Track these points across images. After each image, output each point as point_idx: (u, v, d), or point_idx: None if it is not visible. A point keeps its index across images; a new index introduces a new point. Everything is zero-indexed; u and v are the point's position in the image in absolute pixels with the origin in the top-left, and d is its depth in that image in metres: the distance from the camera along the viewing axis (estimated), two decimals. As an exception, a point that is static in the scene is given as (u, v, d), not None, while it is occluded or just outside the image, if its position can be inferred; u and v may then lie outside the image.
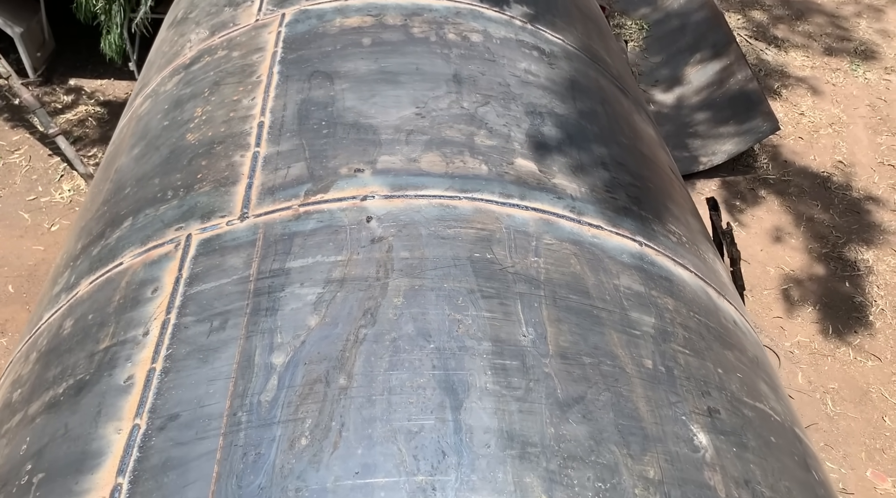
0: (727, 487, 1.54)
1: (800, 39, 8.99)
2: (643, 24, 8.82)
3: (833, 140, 7.32)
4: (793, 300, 5.71)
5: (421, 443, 1.42)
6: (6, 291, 5.51)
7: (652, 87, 7.90)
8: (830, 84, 8.15)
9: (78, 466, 1.53)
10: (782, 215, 6.50)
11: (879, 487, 4.51)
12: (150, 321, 1.78)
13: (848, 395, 5.03)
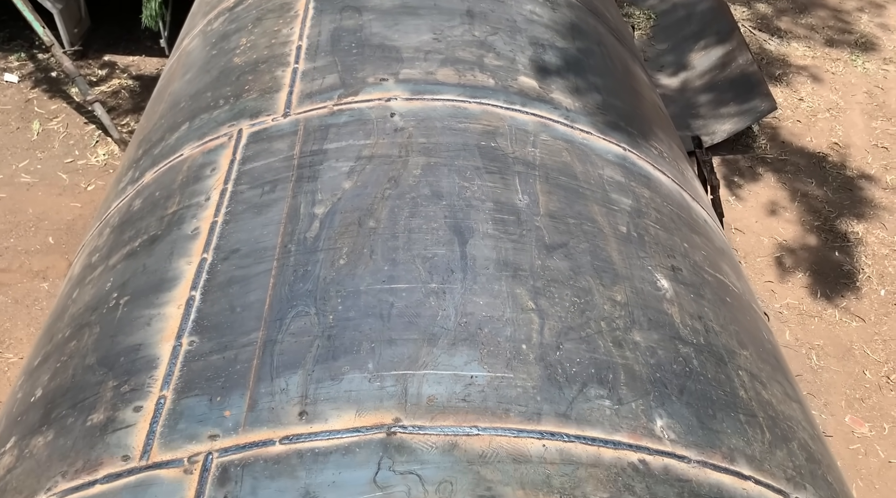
0: (682, 317, 1.88)
1: (802, 31, 9.30)
2: (651, 13, 9.16)
3: (830, 124, 7.62)
4: (784, 267, 6.02)
5: (434, 264, 1.77)
6: (47, 243, 5.91)
7: (658, 71, 8.23)
8: (830, 73, 8.45)
9: (157, 288, 1.89)
10: (778, 191, 6.80)
11: (857, 431, 4.82)
12: (210, 190, 2.15)
13: (832, 351, 5.34)
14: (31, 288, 5.54)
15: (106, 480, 1.48)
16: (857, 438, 4.78)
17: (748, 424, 1.72)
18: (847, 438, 4.77)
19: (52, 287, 5.55)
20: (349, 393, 1.51)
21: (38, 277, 5.62)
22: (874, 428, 4.84)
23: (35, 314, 5.33)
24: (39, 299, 5.45)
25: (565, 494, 1.37)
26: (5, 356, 5.04)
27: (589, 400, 1.55)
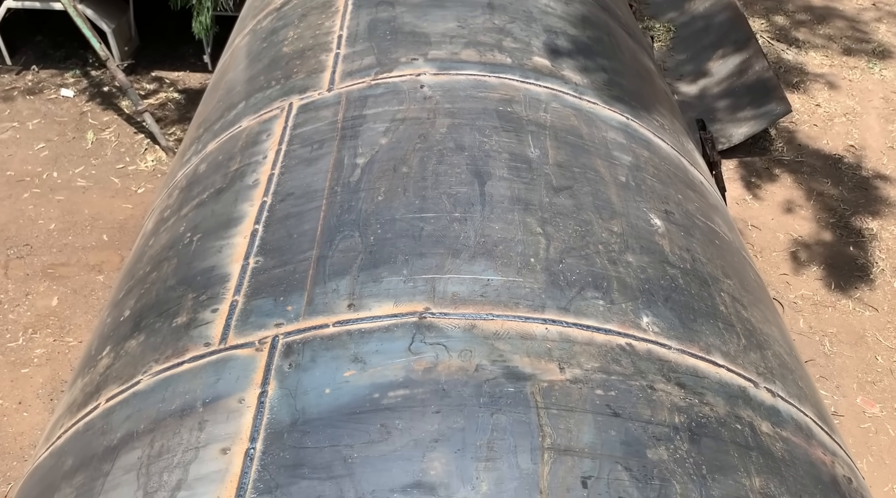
0: (671, 248, 2.18)
1: (820, 41, 9.54)
2: (670, 26, 9.49)
3: (846, 127, 7.84)
4: (800, 260, 6.23)
5: (457, 199, 2.11)
6: (101, 239, 6.37)
7: (677, 80, 8.54)
8: (847, 80, 8.66)
9: (225, 225, 2.25)
10: (794, 190, 7.03)
11: (868, 411, 5.00)
12: (267, 151, 2.51)
13: (845, 338, 5.53)
14: (87, 280, 5.98)
15: (191, 360, 1.83)
16: (868, 417, 4.96)
17: (725, 331, 2.01)
18: (858, 418, 4.95)
19: (107, 279, 5.98)
20: (388, 290, 1.84)
21: (94, 271, 6.07)
22: (885, 408, 5.02)
23: (92, 303, 5.76)
24: (95, 290, 5.88)
25: (563, 362, 1.67)
26: (66, 340, 5.47)
27: (585, 299, 1.86)
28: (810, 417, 1.97)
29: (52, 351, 5.38)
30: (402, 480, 1.42)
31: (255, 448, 1.53)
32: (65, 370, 5.24)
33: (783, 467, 1.67)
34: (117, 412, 1.82)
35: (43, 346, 5.42)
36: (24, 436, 4.81)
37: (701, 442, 1.60)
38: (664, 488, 1.47)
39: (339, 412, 1.56)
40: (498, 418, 1.53)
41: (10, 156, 7.33)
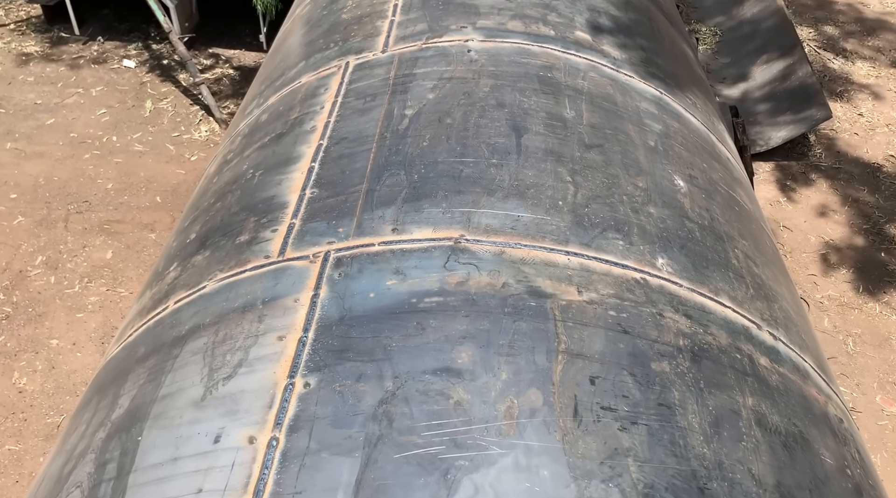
0: (692, 206, 2.36)
1: (868, 52, 9.51)
2: (716, 30, 9.56)
3: (888, 138, 7.84)
4: (829, 263, 6.29)
5: (495, 148, 2.31)
6: (155, 201, 6.71)
7: (719, 83, 8.61)
8: (892, 91, 8.64)
9: (285, 163, 2.49)
10: (829, 196, 7.07)
11: (887, 410, 5.06)
12: (324, 102, 2.75)
13: (869, 339, 5.59)
14: (140, 237, 6.32)
15: (252, 269, 2.06)
16: (886, 416, 5.03)
17: (735, 280, 2.18)
18: (876, 415, 5.02)
19: (159, 237, 6.31)
20: (427, 219, 2.05)
21: (146, 229, 6.41)
22: (904, 408, 5.08)
23: (144, 259, 6.09)
24: (147, 247, 6.22)
25: (581, 287, 1.87)
26: (118, 290, 5.81)
27: (606, 239, 2.05)
28: (809, 363, 2.13)
29: (105, 299, 5.73)
30: (433, 366, 1.63)
31: (308, 337, 1.76)
32: (116, 318, 5.58)
33: (776, 394, 1.84)
34: (185, 311, 2.07)
35: (97, 294, 5.76)
36: (77, 373, 5.14)
37: (701, 362, 1.79)
38: (664, 393, 1.66)
39: (380, 312, 1.78)
40: (519, 325, 1.74)
41: (74, 119, 7.74)
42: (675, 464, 1.52)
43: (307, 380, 1.65)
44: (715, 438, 1.61)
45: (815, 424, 1.87)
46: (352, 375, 1.63)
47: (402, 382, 1.60)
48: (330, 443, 1.50)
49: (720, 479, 1.52)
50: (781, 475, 1.62)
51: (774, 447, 1.67)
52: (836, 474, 1.76)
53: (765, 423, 1.72)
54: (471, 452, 1.46)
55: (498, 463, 1.44)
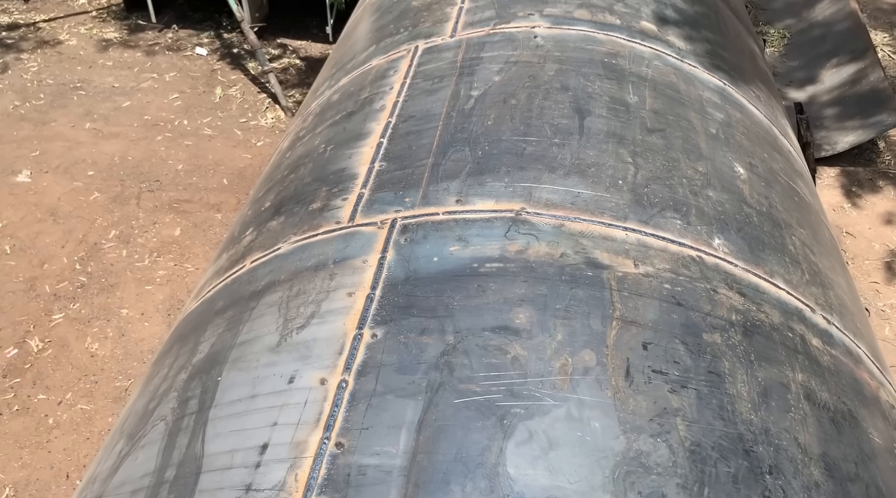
0: (751, 192, 2.39)
1: (946, 59, 9.19)
2: (785, 32, 9.37)
3: (962, 146, 7.58)
4: (893, 271, 6.14)
5: (558, 128, 2.39)
6: (222, 183, 6.98)
7: (786, 86, 8.46)
8: (970, 99, 8.33)
9: (355, 138, 2.62)
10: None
11: (947, 421, 4.94)
12: (393, 83, 2.87)
13: (932, 349, 5.44)
14: (207, 216, 6.59)
15: (324, 233, 2.20)
16: (946, 427, 4.90)
17: (791, 265, 2.21)
18: (935, 426, 4.90)
19: (224, 218, 6.57)
20: (490, 192, 2.15)
21: (213, 209, 6.68)
22: (965, 421, 4.94)
23: (210, 237, 6.36)
24: (213, 226, 6.48)
25: (638, 261, 1.94)
26: (185, 266, 6.08)
27: (665, 218, 2.11)
28: (863, 350, 2.15)
29: (173, 274, 6.00)
30: (492, 324, 1.73)
31: (375, 294, 1.88)
32: (182, 291, 5.84)
33: (826, 373, 1.88)
34: (261, 269, 2.21)
35: (165, 268, 6.04)
36: (144, 342, 5.42)
37: (753, 338, 1.83)
38: (714, 362, 1.71)
39: (444, 274, 1.89)
40: (576, 292, 1.82)
41: (148, 103, 8.10)
42: (723, 426, 1.58)
43: (374, 331, 1.77)
44: (763, 406, 1.66)
45: (865, 404, 1.89)
46: (416, 329, 1.74)
47: (462, 337, 1.70)
48: (395, 387, 1.61)
49: (766, 443, 1.57)
50: (827, 447, 1.66)
51: (822, 421, 1.71)
52: (884, 453, 1.79)
53: (813, 398, 1.76)
54: (526, 401, 1.55)
55: (552, 413, 1.53)
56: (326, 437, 1.54)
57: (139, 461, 1.76)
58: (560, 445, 1.47)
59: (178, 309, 5.70)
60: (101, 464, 1.94)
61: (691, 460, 1.49)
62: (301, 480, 1.47)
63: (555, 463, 1.44)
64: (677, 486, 1.44)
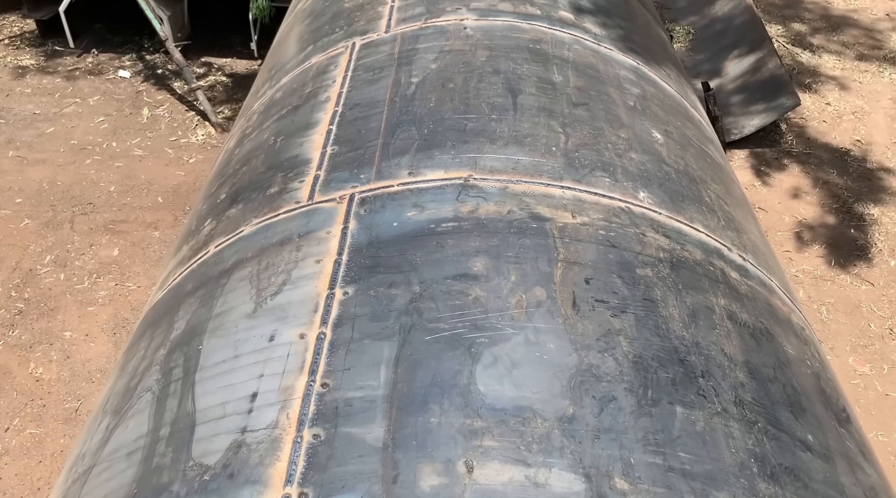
0: (668, 154, 2.67)
1: (835, 47, 9.97)
2: (689, 28, 9.98)
3: (854, 124, 8.25)
4: (803, 240, 6.65)
5: (494, 106, 2.61)
6: (157, 201, 6.95)
7: (695, 78, 9.00)
8: (857, 82, 9.08)
9: (304, 128, 2.77)
10: (802, 179, 7.45)
11: (859, 370, 5.40)
12: (335, 76, 3.04)
13: (841, 307, 5.94)
14: (145, 235, 6.56)
15: (285, 212, 2.34)
16: (859, 375, 5.36)
17: (708, 213, 2.48)
18: (849, 376, 5.35)
19: (163, 235, 6.55)
20: (439, 164, 2.34)
21: (150, 227, 6.65)
22: (874, 368, 5.41)
23: (150, 255, 6.33)
24: (152, 244, 6.45)
25: (575, 212, 2.16)
26: (126, 285, 6.03)
27: (595, 177, 2.35)
28: (775, 283, 2.44)
29: (114, 293, 5.95)
30: (452, 273, 1.92)
31: (342, 258, 2.04)
32: (126, 310, 5.80)
33: (745, 300, 2.14)
34: (226, 251, 2.34)
35: (106, 289, 5.99)
36: (91, 362, 5.36)
37: (679, 271, 2.08)
38: (648, 291, 1.95)
39: (404, 236, 2.07)
40: (524, 241, 2.03)
41: (73, 127, 7.97)
42: (659, 342, 1.81)
43: (345, 290, 1.93)
44: (692, 325, 1.90)
45: (779, 324, 2.17)
46: (384, 284, 1.92)
47: (427, 286, 1.89)
48: (370, 332, 1.78)
49: (697, 354, 1.81)
50: (749, 356, 1.91)
51: (743, 336, 1.97)
52: (797, 362, 2.06)
53: (735, 318, 2.02)
54: (489, 332, 1.74)
55: (512, 339, 1.72)
56: (312, 380, 1.69)
57: (130, 428, 1.86)
58: (522, 365, 1.67)
59: (124, 327, 5.66)
60: (86, 443, 2.02)
61: (635, 369, 1.71)
62: (293, 417, 1.62)
63: (519, 379, 1.63)
64: (625, 390, 1.65)
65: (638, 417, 1.59)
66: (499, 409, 1.56)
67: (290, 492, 1.46)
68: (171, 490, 1.57)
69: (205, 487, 1.53)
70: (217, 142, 7.83)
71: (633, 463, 1.48)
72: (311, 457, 1.52)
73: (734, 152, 7.78)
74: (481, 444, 1.49)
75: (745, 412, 1.71)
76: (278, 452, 1.54)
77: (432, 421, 1.54)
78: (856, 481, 1.76)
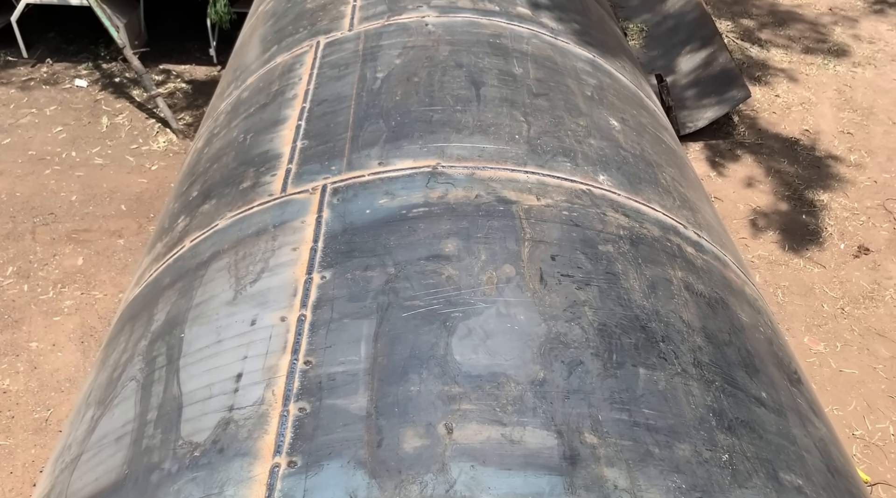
0: (625, 140, 2.80)
1: (782, 41, 10.32)
2: (643, 26, 10.24)
3: (802, 115, 8.57)
4: (757, 227, 6.90)
5: (458, 98, 2.71)
6: (120, 209, 6.90)
7: (649, 73, 9.25)
8: (805, 74, 9.42)
9: (273, 124, 2.84)
10: (754, 168, 7.71)
11: (813, 348, 5.63)
12: (301, 74, 3.11)
13: (796, 290, 6.18)
14: (109, 243, 6.51)
15: (259, 205, 2.41)
16: (814, 353, 5.59)
17: (664, 193, 2.62)
18: (805, 354, 5.58)
19: (128, 243, 6.51)
20: (408, 153, 2.43)
21: (114, 235, 6.60)
22: (828, 346, 5.65)
23: (115, 263, 6.28)
24: (117, 252, 6.41)
25: (539, 195, 2.27)
26: (92, 294, 5.99)
27: (557, 162, 2.47)
28: (728, 258, 2.58)
29: (81, 302, 5.90)
30: (425, 254, 2.01)
31: (318, 245, 2.11)
32: (93, 318, 5.76)
33: (700, 272, 2.28)
34: (202, 244, 2.39)
35: (72, 298, 5.93)
36: (59, 372, 5.32)
37: (639, 247, 2.20)
38: (610, 265, 2.06)
39: (377, 222, 2.15)
40: (492, 223, 2.13)
41: (30, 138, 7.86)
42: (622, 311, 1.92)
43: (323, 274, 2.01)
44: (652, 295, 2.02)
45: (733, 294, 2.30)
46: (360, 267, 2.00)
47: (402, 268, 1.97)
48: (349, 312, 1.86)
49: (657, 321, 1.93)
50: (706, 322, 2.04)
51: (700, 304, 2.10)
52: (751, 328, 2.19)
53: (692, 288, 2.15)
54: (463, 307, 1.83)
55: (484, 312, 1.82)
56: (295, 359, 1.77)
57: (116, 416, 1.91)
58: (494, 335, 1.77)
59: (92, 336, 5.61)
60: (71, 434, 2.06)
61: (600, 336, 1.82)
62: (278, 393, 1.69)
63: (492, 348, 1.73)
64: (591, 354, 1.76)
65: (604, 378, 1.70)
66: (475, 376, 1.66)
67: (280, 461, 1.53)
68: (162, 468, 1.63)
69: (196, 463, 1.59)
70: (179, 148, 7.80)
71: (601, 420, 1.59)
72: (298, 428, 1.59)
73: (689, 145, 8.02)
74: (459, 408, 1.58)
75: (703, 373, 1.83)
76: (266, 425, 1.61)
77: (412, 389, 1.63)
78: (806, 433, 1.90)
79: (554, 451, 1.50)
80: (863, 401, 5.26)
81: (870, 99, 8.86)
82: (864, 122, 8.43)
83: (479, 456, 1.48)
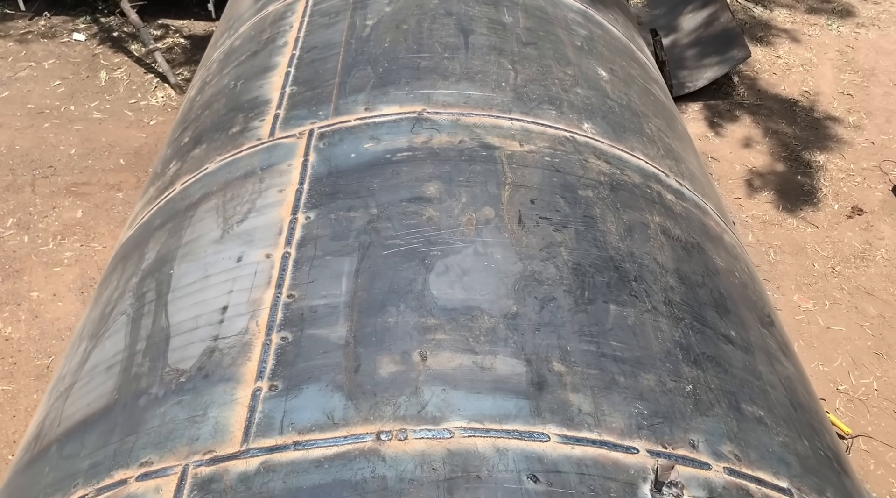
0: (612, 90, 2.82)
1: (786, 1, 10.20)
2: (646, -16, 10.12)
3: (802, 76, 8.51)
4: (753, 187, 6.92)
5: (446, 45, 2.73)
6: (119, 163, 6.93)
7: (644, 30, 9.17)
8: (807, 35, 9.33)
9: (263, 71, 2.86)
10: (752, 129, 7.70)
11: (803, 306, 5.71)
12: (292, 22, 3.12)
13: (788, 249, 6.23)
14: (108, 197, 6.56)
15: (247, 149, 2.45)
16: (803, 311, 5.67)
17: (648, 143, 2.65)
18: (794, 311, 5.66)
19: (126, 196, 6.56)
20: (394, 99, 2.46)
21: (113, 189, 6.64)
22: (817, 304, 5.73)
23: (114, 216, 6.34)
24: (116, 205, 6.46)
25: (522, 141, 2.31)
26: (91, 245, 6.06)
27: (542, 109, 2.50)
28: (709, 207, 2.63)
29: (80, 254, 5.98)
30: (407, 196, 2.06)
31: (304, 187, 2.16)
32: (92, 270, 5.84)
33: (679, 218, 2.33)
34: (192, 187, 2.45)
35: (71, 250, 6.01)
36: (60, 320, 5.42)
37: (618, 192, 2.25)
38: (588, 209, 2.12)
39: (362, 165, 2.20)
40: (474, 167, 2.17)
41: (28, 91, 7.86)
42: (597, 252, 1.98)
43: (307, 214, 2.06)
44: (628, 238, 2.07)
45: (710, 240, 2.36)
46: (343, 208, 2.05)
47: (384, 209, 2.03)
48: (331, 250, 1.92)
49: (631, 262, 1.99)
50: (680, 264, 2.10)
51: (675, 248, 2.15)
52: (726, 273, 2.25)
53: (668, 233, 2.20)
54: (441, 246, 1.89)
55: (462, 252, 1.88)
56: (279, 292, 1.83)
57: (107, 347, 1.99)
58: (471, 273, 1.83)
59: (91, 286, 5.70)
60: (66, 366, 2.14)
61: (574, 275, 1.88)
62: (262, 324, 1.76)
63: (468, 284, 1.79)
64: (564, 291, 1.82)
65: (575, 313, 1.76)
66: (450, 309, 1.72)
67: (262, 385, 1.61)
68: (149, 393, 1.71)
69: (181, 387, 1.67)
70: (177, 103, 7.79)
71: (570, 350, 1.66)
72: (280, 356, 1.66)
73: (688, 105, 7.99)
74: (434, 337, 1.65)
75: (673, 311, 1.90)
76: (249, 353, 1.69)
77: (390, 321, 1.69)
78: (773, 371, 1.97)
79: (522, 377, 1.57)
80: (848, 357, 5.35)
81: (871, 60, 8.80)
82: (864, 84, 8.38)
83: (451, 381, 1.55)
